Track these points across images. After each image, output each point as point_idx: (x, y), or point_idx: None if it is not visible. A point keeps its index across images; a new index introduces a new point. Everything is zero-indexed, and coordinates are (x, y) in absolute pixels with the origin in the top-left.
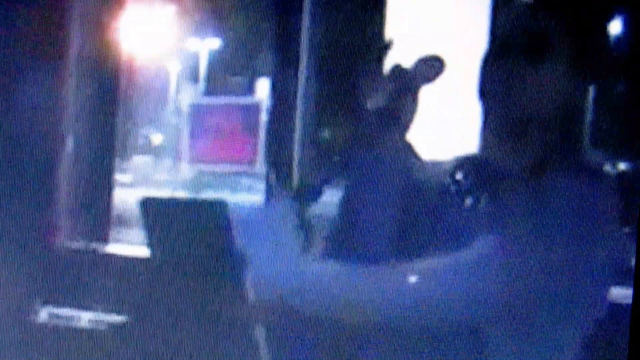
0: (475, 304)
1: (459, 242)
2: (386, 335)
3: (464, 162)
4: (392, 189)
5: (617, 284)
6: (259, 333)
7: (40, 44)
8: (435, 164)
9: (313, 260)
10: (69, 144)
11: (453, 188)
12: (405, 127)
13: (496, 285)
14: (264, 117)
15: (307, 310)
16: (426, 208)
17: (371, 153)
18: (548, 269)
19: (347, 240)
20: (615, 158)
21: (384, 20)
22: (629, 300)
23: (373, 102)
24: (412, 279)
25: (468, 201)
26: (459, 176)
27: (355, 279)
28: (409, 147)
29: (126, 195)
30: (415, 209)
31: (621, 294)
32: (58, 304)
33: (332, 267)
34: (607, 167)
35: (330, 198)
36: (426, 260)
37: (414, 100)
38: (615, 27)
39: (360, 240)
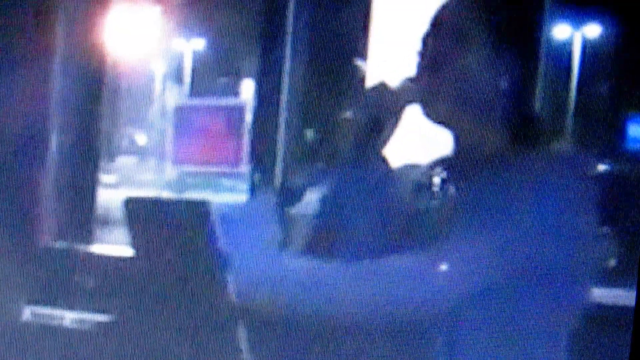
0: (456, 298)
1: (438, 238)
2: (369, 332)
3: (436, 161)
4: (373, 189)
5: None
6: (242, 332)
7: (25, 43)
8: (414, 166)
9: (296, 260)
10: (54, 144)
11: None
12: (386, 138)
13: (476, 278)
14: (248, 119)
15: (289, 309)
16: (406, 207)
17: (354, 155)
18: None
19: (329, 240)
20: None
21: (370, 23)
22: (632, 302)
23: (356, 111)
24: (395, 276)
25: (444, 197)
26: (434, 173)
27: (338, 278)
28: (389, 153)
29: (110, 196)
30: (395, 207)
31: (624, 295)
32: (42, 303)
33: (314, 267)
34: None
35: (313, 198)
36: (407, 257)
37: (396, 117)
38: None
39: (343, 239)
